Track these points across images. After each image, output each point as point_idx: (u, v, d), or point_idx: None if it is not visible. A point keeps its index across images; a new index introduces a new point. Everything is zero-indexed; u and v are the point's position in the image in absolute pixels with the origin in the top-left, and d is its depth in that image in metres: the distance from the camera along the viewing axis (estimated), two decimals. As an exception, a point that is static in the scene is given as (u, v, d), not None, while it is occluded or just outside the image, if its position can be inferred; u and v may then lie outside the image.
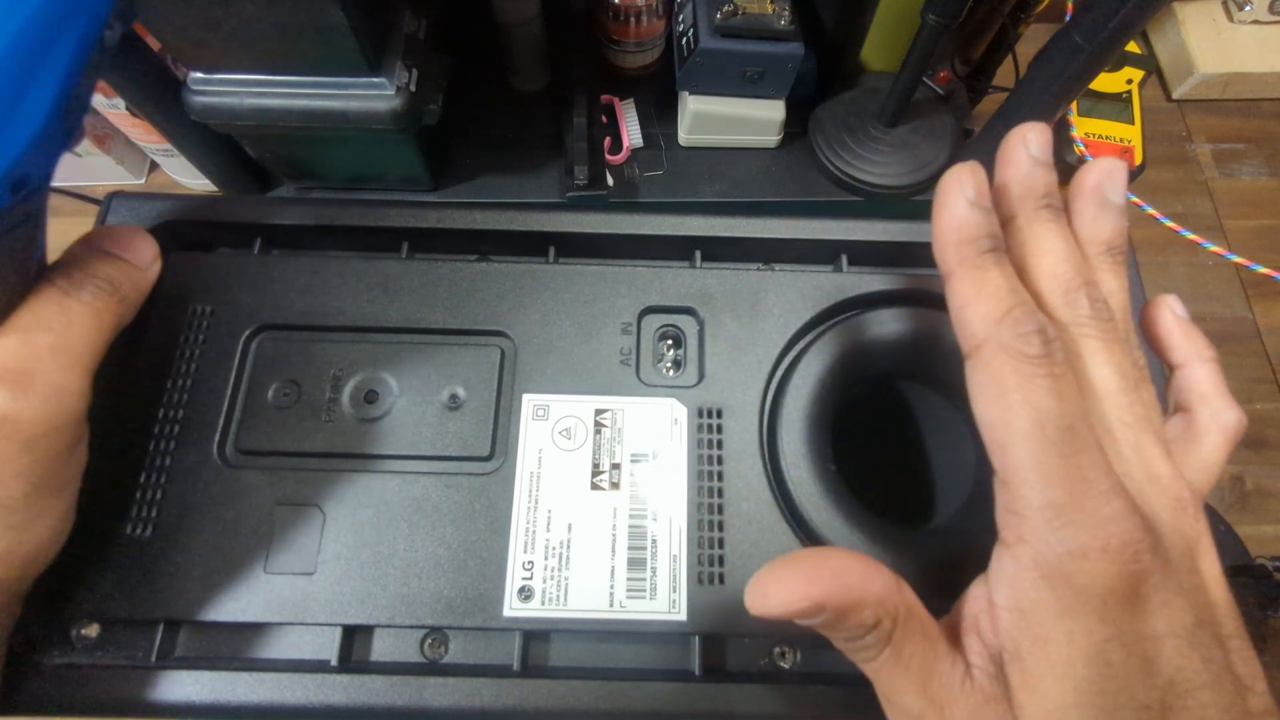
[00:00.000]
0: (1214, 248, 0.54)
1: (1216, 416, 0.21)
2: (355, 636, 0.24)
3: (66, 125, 0.18)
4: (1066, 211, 0.21)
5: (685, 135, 0.56)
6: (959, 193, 0.19)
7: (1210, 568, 0.18)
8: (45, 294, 0.20)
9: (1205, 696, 0.16)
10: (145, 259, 0.23)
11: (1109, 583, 0.15)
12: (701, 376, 0.27)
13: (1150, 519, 0.17)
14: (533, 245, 0.29)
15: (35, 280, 0.21)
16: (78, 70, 0.18)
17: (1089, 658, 0.16)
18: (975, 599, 0.18)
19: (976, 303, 0.18)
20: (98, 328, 0.21)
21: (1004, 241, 0.19)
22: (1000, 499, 0.17)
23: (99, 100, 0.56)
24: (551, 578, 0.24)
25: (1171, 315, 0.22)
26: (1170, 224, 0.56)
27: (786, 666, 0.24)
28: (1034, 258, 0.20)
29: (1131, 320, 0.20)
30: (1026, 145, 0.20)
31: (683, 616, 0.24)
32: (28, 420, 0.19)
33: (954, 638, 0.18)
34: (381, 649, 0.24)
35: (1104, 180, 0.21)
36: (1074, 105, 0.66)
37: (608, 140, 0.54)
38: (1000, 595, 0.17)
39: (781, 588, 0.17)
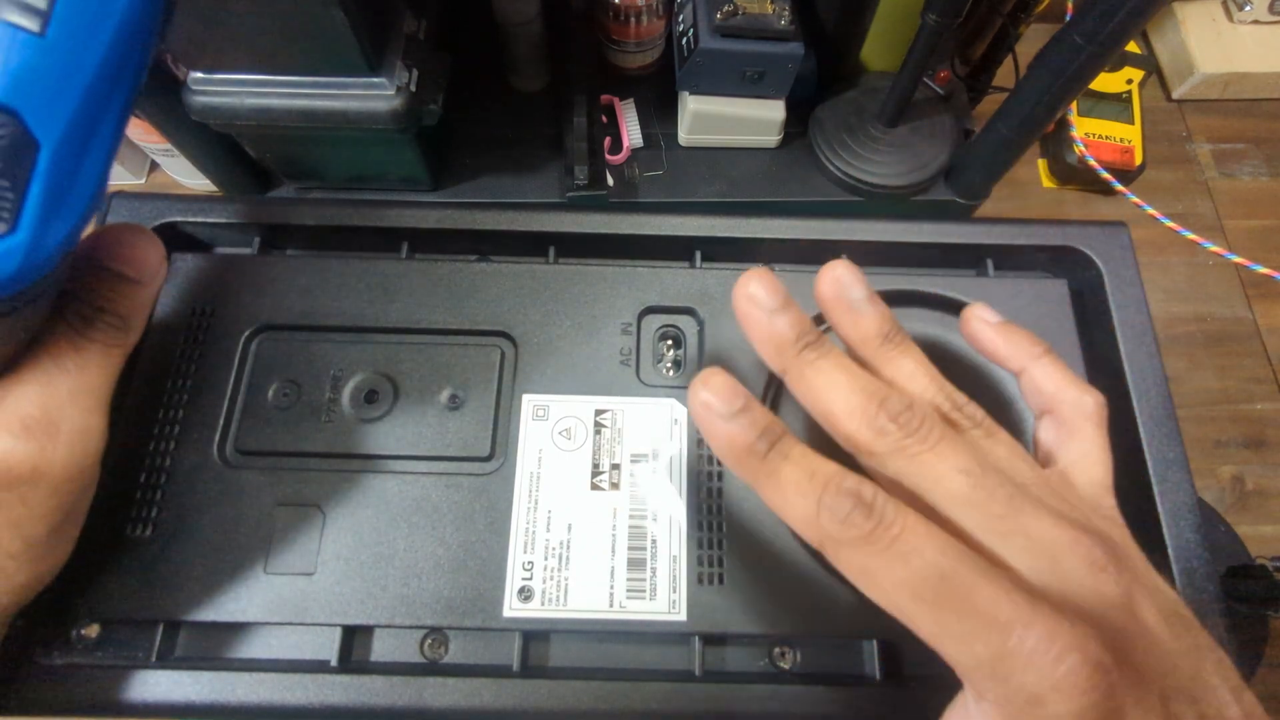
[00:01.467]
0: (1214, 248, 0.54)
1: (1075, 407, 0.20)
2: (355, 636, 0.24)
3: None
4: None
5: (685, 135, 0.56)
6: (711, 415, 0.18)
7: (1149, 615, 0.16)
8: (59, 335, 0.20)
9: None
10: (152, 268, 0.22)
11: (1079, 716, 0.14)
12: (701, 377, 0.27)
13: (1075, 606, 0.16)
14: (533, 245, 0.29)
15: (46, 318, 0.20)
16: (124, 126, 0.17)
17: None
18: None
19: (789, 508, 0.17)
20: (111, 364, 0.21)
21: (776, 426, 0.18)
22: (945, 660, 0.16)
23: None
24: (551, 578, 0.24)
25: (987, 326, 0.22)
26: (1170, 224, 0.56)
27: (786, 666, 0.24)
28: (824, 403, 0.19)
29: (946, 383, 0.20)
30: (755, 303, 0.19)
31: (683, 616, 0.24)
32: (58, 468, 0.19)
33: None
34: (381, 649, 0.24)
35: (837, 289, 0.20)
36: (1074, 105, 0.66)
37: (608, 140, 0.54)
38: None
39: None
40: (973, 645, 0.15)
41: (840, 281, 0.20)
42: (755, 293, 0.19)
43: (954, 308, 0.28)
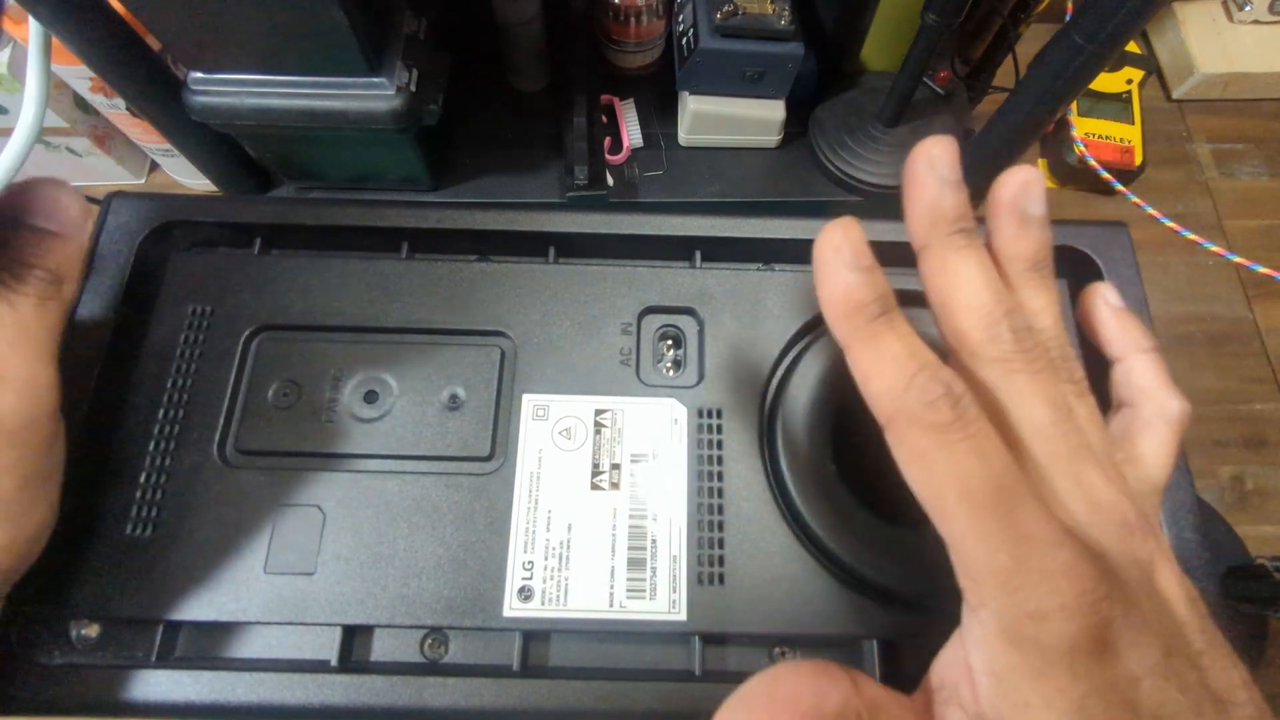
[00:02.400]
0: (1214, 248, 0.54)
1: (1160, 409, 0.20)
2: (355, 636, 0.24)
3: None
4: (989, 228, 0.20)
5: (685, 135, 0.56)
6: (836, 261, 0.18)
7: (1169, 585, 0.17)
8: None
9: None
10: (74, 220, 0.22)
11: (1074, 639, 0.15)
12: (701, 376, 0.27)
13: (1100, 552, 0.16)
14: (533, 245, 0.29)
15: None
16: None
17: (1070, 717, 0.15)
18: (951, 664, 0.18)
19: (878, 376, 0.17)
20: (49, 317, 0.21)
21: (892, 299, 0.18)
22: (953, 564, 0.17)
23: (99, 100, 0.56)
24: (551, 578, 0.24)
25: (1106, 307, 0.22)
26: (1170, 224, 0.56)
27: (786, 666, 0.24)
28: (950, 290, 0.19)
29: (1066, 334, 0.20)
30: (933, 167, 0.19)
31: (683, 616, 0.24)
32: (6, 415, 0.19)
33: (940, 704, 0.18)
34: (381, 649, 0.24)
35: (1021, 193, 0.20)
36: (1074, 105, 0.66)
37: (608, 140, 0.54)
38: (976, 658, 0.17)
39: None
40: (998, 552, 0.15)
41: (1028, 188, 0.19)
42: (938, 156, 0.19)
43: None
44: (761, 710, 0.17)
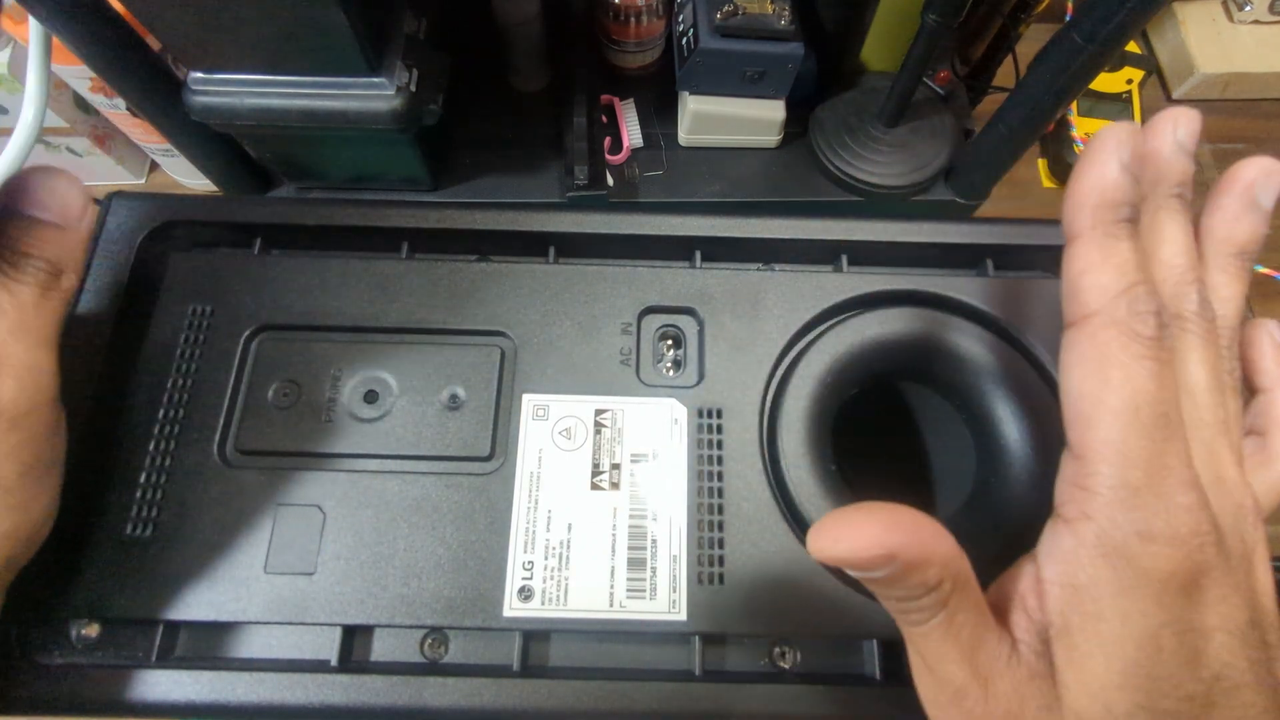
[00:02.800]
0: (1214, 248, 0.54)
1: None
2: (355, 636, 0.24)
3: None
4: (1205, 204, 0.21)
5: (685, 135, 0.56)
6: (1114, 153, 0.17)
7: (1264, 576, 0.17)
8: None
9: (1247, 696, 0.16)
10: (74, 212, 0.22)
11: (1172, 568, 0.15)
12: (701, 376, 0.27)
13: (1215, 518, 0.17)
14: (533, 245, 0.29)
15: None
16: None
17: (1141, 640, 0.16)
18: (1022, 575, 0.18)
19: (1100, 271, 0.17)
20: (49, 306, 0.21)
21: (1139, 214, 0.18)
22: (1068, 473, 0.17)
23: (99, 100, 0.56)
24: (551, 578, 0.24)
25: (1270, 341, 0.22)
26: (1170, 224, 0.56)
27: (786, 666, 0.24)
28: (1153, 243, 0.19)
29: (1236, 322, 0.20)
30: (1175, 129, 0.19)
31: (683, 616, 0.24)
32: (8, 401, 0.19)
33: (999, 614, 0.18)
34: (381, 649, 0.24)
35: (1261, 179, 0.20)
36: (1074, 105, 0.66)
37: (608, 140, 0.54)
38: (1052, 570, 0.17)
39: (854, 532, 0.16)
40: (1134, 469, 0.16)
41: (1270, 175, 0.20)
42: (1184, 124, 0.19)
43: (954, 308, 0.28)
44: (883, 518, 0.17)
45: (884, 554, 0.16)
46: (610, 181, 0.52)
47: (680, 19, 0.53)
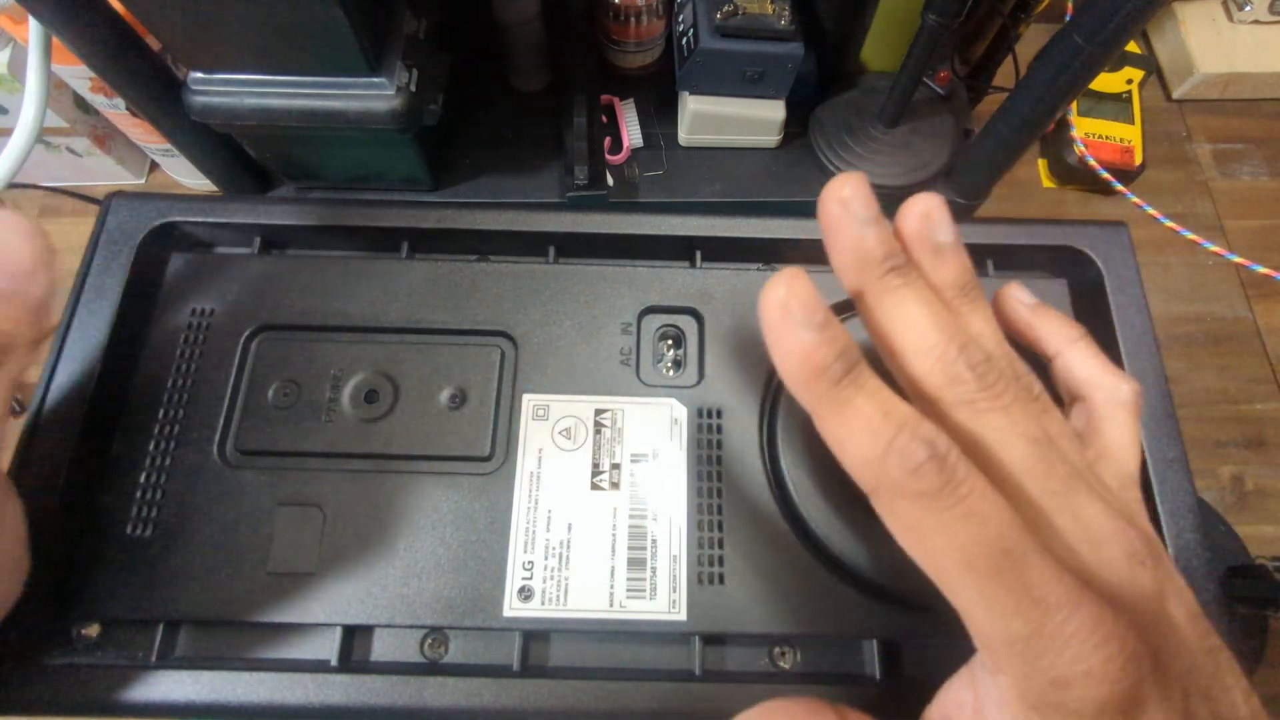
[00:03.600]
0: (1214, 248, 0.54)
1: (1112, 395, 0.19)
2: (355, 636, 0.24)
3: None
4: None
5: (685, 135, 0.56)
6: (786, 322, 0.16)
7: (1178, 610, 0.16)
8: None
9: None
10: (24, 273, 0.18)
11: (1102, 704, 0.14)
12: (701, 376, 0.27)
13: (1114, 593, 0.16)
14: (533, 245, 0.29)
15: None
16: None
17: None
18: (958, 705, 0.17)
19: (853, 444, 0.16)
20: None
21: (854, 350, 0.16)
22: (968, 629, 0.16)
23: (99, 100, 0.56)
24: (551, 578, 0.24)
25: (1022, 308, 0.21)
26: (1170, 224, 0.56)
27: (786, 666, 0.24)
28: (897, 336, 0.17)
29: (1009, 350, 0.18)
30: (847, 208, 0.18)
31: (683, 616, 0.24)
32: None
33: None
34: (381, 649, 0.24)
35: (924, 225, 0.19)
36: (1074, 105, 0.66)
37: (608, 140, 0.54)
38: (993, 714, 0.16)
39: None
40: (1011, 621, 0.14)
41: (929, 218, 0.19)
42: (849, 196, 0.17)
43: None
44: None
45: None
46: (610, 181, 0.52)
47: (680, 19, 0.53)
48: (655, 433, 0.26)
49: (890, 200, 0.18)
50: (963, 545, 0.15)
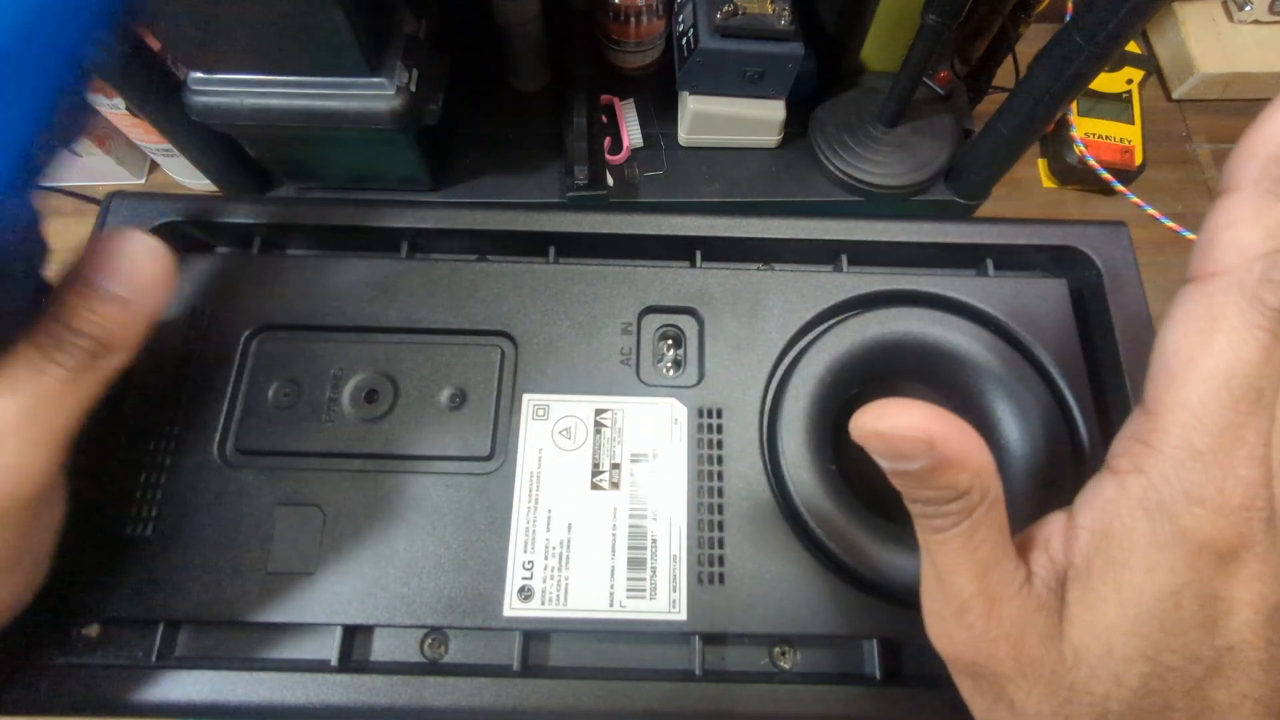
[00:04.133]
0: (1214, 248, 0.54)
1: None
2: (355, 636, 0.24)
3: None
4: None
5: (685, 135, 0.56)
6: None
7: None
8: (19, 355, 0.18)
9: (1256, 674, 0.15)
10: (144, 283, 0.19)
11: (1212, 533, 0.15)
12: (701, 376, 0.27)
13: (1273, 499, 0.16)
14: (533, 245, 0.29)
15: (21, 330, 0.18)
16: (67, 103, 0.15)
17: (1161, 594, 0.15)
18: (1050, 522, 0.18)
19: (1246, 228, 0.16)
20: (76, 398, 0.18)
21: None
22: (1133, 428, 0.17)
23: (99, 100, 0.56)
24: (551, 577, 0.24)
25: None
26: (1170, 224, 0.56)
27: (786, 666, 0.24)
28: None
29: None
30: None
31: (683, 616, 0.24)
32: None
33: (1022, 551, 0.18)
34: (381, 649, 0.24)
35: None
36: (1074, 105, 0.66)
37: (608, 140, 0.54)
38: (1086, 517, 0.17)
39: (901, 411, 0.16)
40: (1203, 433, 0.15)
41: None
42: None
43: (954, 308, 0.28)
44: (931, 411, 0.16)
45: (925, 439, 0.16)
46: (610, 181, 0.52)
47: (680, 19, 0.53)
48: (655, 433, 0.26)
49: (890, 200, 0.18)
50: (1239, 358, 0.15)
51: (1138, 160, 0.68)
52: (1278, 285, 0.15)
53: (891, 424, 0.16)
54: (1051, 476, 0.25)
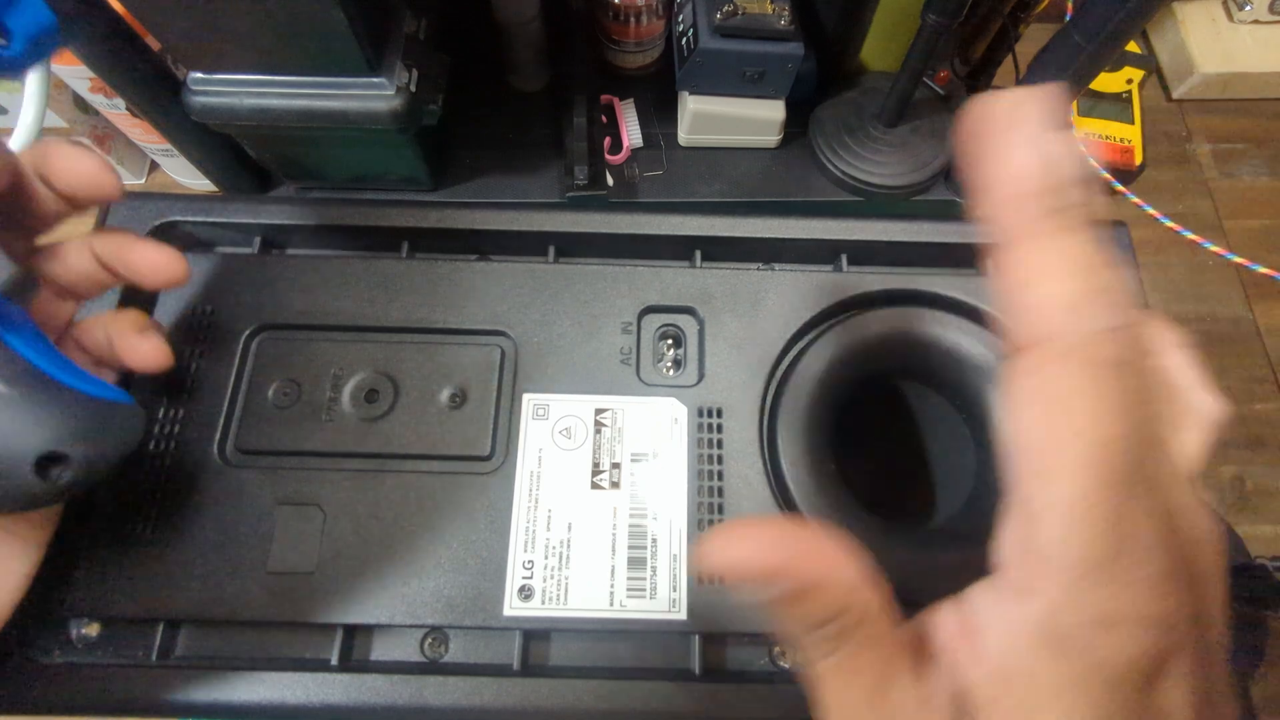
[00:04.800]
0: (1214, 248, 0.54)
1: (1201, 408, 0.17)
2: (356, 636, 0.24)
3: None
4: None
5: (685, 135, 0.56)
6: (1038, 124, 0.13)
7: (1218, 591, 0.15)
8: None
9: None
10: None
11: (1134, 654, 0.13)
12: (701, 376, 0.27)
13: (1185, 577, 0.14)
14: (533, 245, 0.29)
15: None
16: None
17: None
18: (954, 623, 0.16)
19: (1051, 279, 0.13)
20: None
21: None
22: (1018, 531, 0.14)
23: (99, 100, 0.56)
24: (552, 577, 0.24)
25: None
26: (1170, 224, 0.56)
27: (786, 666, 0.24)
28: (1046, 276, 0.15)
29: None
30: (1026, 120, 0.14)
31: (683, 616, 0.24)
32: None
33: (918, 653, 0.16)
34: (382, 648, 0.24)
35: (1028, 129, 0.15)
36: (1074, 105, 0.66)
37: (608, 140, 0.54)
38: (992, 641, 0.14)
39: (741, 542, 0.14)
40: (1100, 539, 0.13)
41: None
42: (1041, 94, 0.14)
43: (954, 308, 0.28)
44: (777, 531, 0.14)
45: (766, 568, 0.14)
46: (610, 181, 0.52)
47: (680, 19, 0.53)
48: (655, 432, 0.26)
49: (890, 200, 0.18)
50: (1108, 438, 0.13)
51: (1138, 160, 0.68)
52: (1104, 336, 0.13)
53: (733, 558, 0.14)
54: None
